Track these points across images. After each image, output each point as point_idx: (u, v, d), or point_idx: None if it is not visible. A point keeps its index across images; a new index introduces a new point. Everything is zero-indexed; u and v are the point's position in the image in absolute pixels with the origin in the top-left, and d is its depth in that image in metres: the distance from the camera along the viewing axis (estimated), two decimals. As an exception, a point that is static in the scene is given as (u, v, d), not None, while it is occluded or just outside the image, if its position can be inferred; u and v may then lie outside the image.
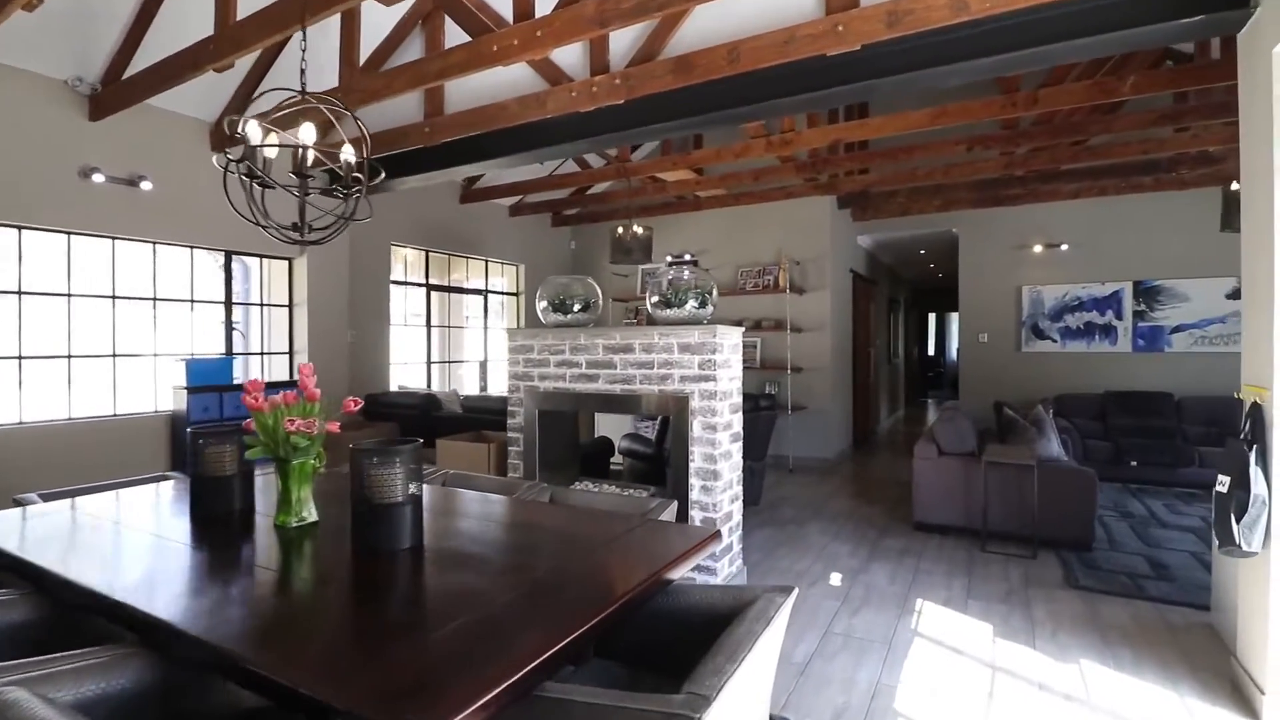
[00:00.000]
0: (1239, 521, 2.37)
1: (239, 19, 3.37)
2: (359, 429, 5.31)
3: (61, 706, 1.11)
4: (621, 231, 6.05)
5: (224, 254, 5.28)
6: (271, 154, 2.24)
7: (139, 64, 4.11)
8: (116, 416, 4.69)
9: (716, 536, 1.99)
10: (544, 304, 4.03)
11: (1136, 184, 6.85)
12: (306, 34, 2.65)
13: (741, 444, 3.74)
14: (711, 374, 3.37)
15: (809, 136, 5.22)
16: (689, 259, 8.00)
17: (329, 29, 3.95)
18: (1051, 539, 4.31)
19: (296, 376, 3.93)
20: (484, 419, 4.87)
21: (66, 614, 1.67)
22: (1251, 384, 2.52)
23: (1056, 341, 7.53)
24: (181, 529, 2.06)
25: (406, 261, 6.91)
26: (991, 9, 2.75)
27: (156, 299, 4.91)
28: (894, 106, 5.64)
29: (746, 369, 7.43)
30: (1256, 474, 2.35)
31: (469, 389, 7.77)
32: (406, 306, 6.89)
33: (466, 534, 2.07)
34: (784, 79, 3.49)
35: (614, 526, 2.07)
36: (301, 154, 2.20)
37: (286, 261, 5.55)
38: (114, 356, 4.73)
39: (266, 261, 5.56)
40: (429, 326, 7.10)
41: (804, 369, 7.28)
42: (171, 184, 4.75)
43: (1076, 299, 7.44)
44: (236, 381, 5.00)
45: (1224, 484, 2.49)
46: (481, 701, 1.04)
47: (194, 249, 5.05)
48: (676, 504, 2.55)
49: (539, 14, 3.34)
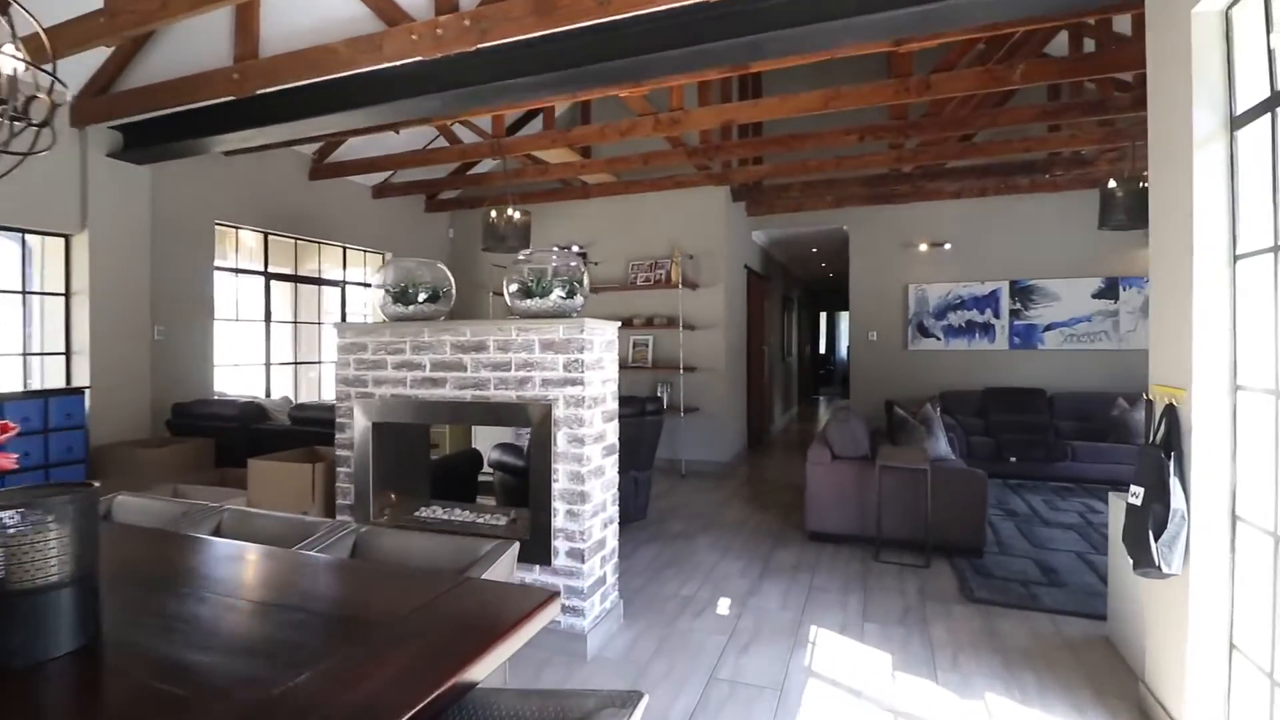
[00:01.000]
0: (1157, 539, 2.11)
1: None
2: (161, 446, 4.32)
3: None
4: (495, 216, 5.38)
5: (-31, 226, 4.13)
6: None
7: None
8: None
9: (552, 600, 1.43)
10: (381, 292, 3.32)
11: (1014, 185, 7.00)
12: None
13: (617, 457, 3.21)
14: (579, 376, 2.82)
15: (699, 117, 4.79)
16: (577, 250, 7.44)
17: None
18: (944, 544, 4.11)
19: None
20: (319, 432, 4.06)
21: None
22: (1164, 384, 2.28)
23: (940, 340, 7.62)
24: None
25: (238, 244, 5.87)
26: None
27: None
28: (786, 87, 5.35)
29: (638, 369, 6.97)
30: (1175, 486, 2.10)
31: (327, 395, 6.79)
32: (240, 298, 5.86)
33: (186, 623, 1.39)
34: (663, 30, 3.00)
35: (414, 595, 1.47)
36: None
37: (63, 239, 4.44)
38: None
39: (40, 239, 4.43)
40: (268, 322, 6.09)
41: (698, 369, 6.91)
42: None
43: (959, 298, 7.55)
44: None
45: (1137, 496, 2.23)
46: None
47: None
48: (518, 546, 1.97)
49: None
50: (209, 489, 3.73)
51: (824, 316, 17.53)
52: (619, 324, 3.23)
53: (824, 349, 17.71)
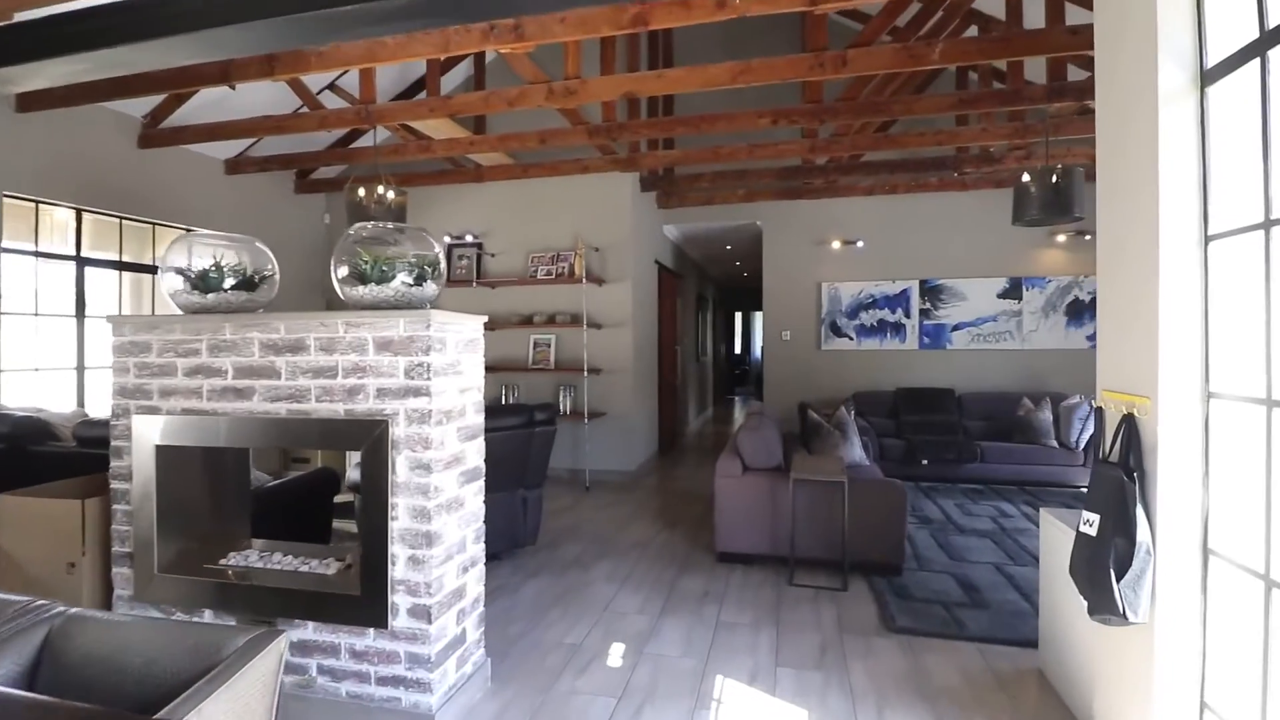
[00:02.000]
0: (1119, 579, 1.74)
1: None
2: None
3: None
4: (363, 194, 4.62)
5: None
6: None
7: None
8: None
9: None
10: (177, 278, 2.56)
11: (924, 183, 6.90)
12: None
13: (482, 483, 2.61)
14: (424, 384, 2.20)
15: (597, 87, 4.25)
16: (471, 240, 6.73)
17: None
18: (862, 562, 3.76)
19: None
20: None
21: None
22: (1118, 390, 1.93)
23: (853, 339, 7.45)
24: None
25: (39, 222, 4.79)
26: None
27: None
28: (697, 60, 4.89)
29: (539, 371, 6.36)
30: (1140, 515, 1.73)
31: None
32: (40, 287, 4.78)
33: None
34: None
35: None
36: None
37: None
38: None
39: None
40: (81, 317, 5.03)
41: (604, 370, 6.37)
42: None
43: (871, 296, 7.41)
44: None
45: (1091, 524, 1.86)
46: None
47: None
48: (285, 641, 1.35)
49: None
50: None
51: (739, 316, 17.47)
52: (484, 318, 2.62)
53: (739, 349, 17.65)
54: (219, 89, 4.71)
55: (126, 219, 5.38)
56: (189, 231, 5.97)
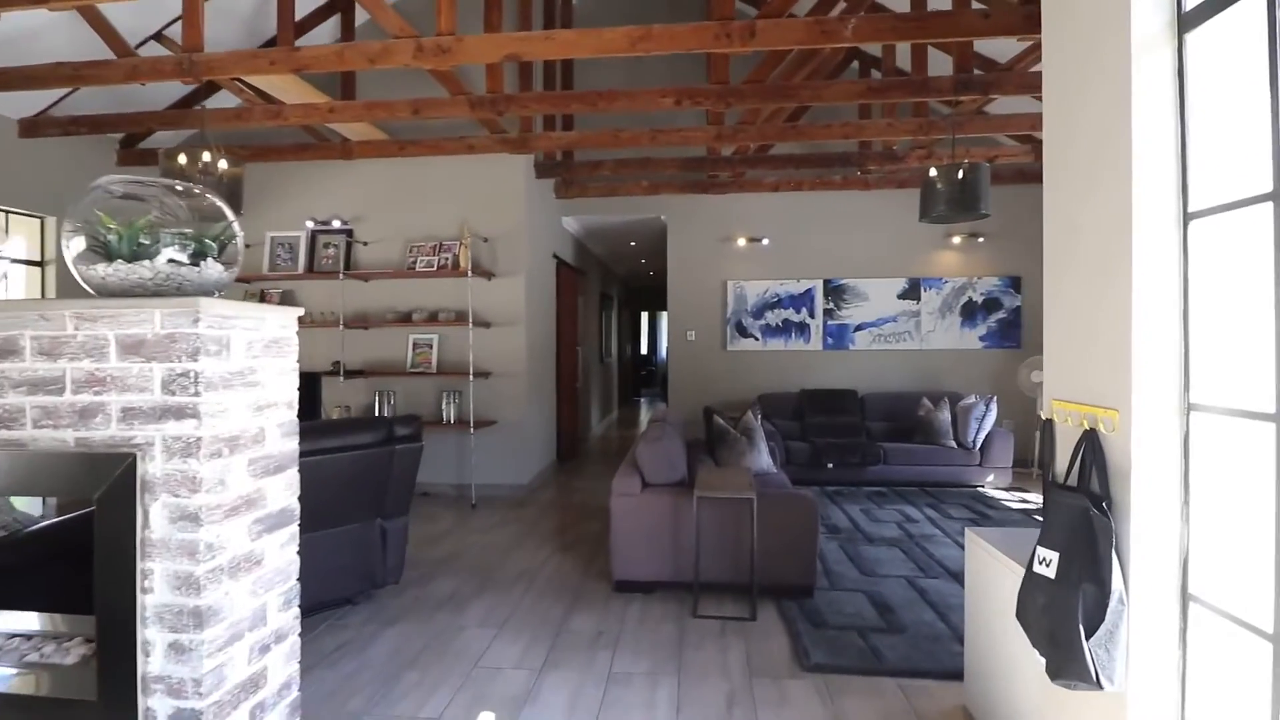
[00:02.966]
0: (1089, 636, 1.40)
1: None
2: None
3: None
4: (183, 162, 3.78)
5: None
6: None
7: None
8: None
9: None
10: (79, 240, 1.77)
11: (829, 181, 6.77)
12: None
13: (295, 529, 1.98)
14: (191, 401, 1.57)
15: (475, 47, 3.67)
16: (339, 226, 5.92)
17: None
18: (773, 585, 3.41)
19: None
20: None
21: None
22: (1076, 401, 1.61)
23: (759, 339, 7.23)
24: None
25: None
26: None
27: None
28: (589, 19, 4.40)
29: (419, 375, 5.65)
30: (1110, 557, 1.41)
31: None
32: None
33: None
34: None
35: None
36: None
37: None
38: None
39: None
40: None
41: (494, 373, 5.76)
42: None
43: (776, 296, 7.22)
44: None
45: (1049, 564, 1.53)
46: None
47: None
48: None
49: None
50: None
51: (646, 316, 17.18)
52: (299, 311, 2.00)
53: (646, 349, 17.36)
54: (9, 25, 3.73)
55: None
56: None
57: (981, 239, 6.97)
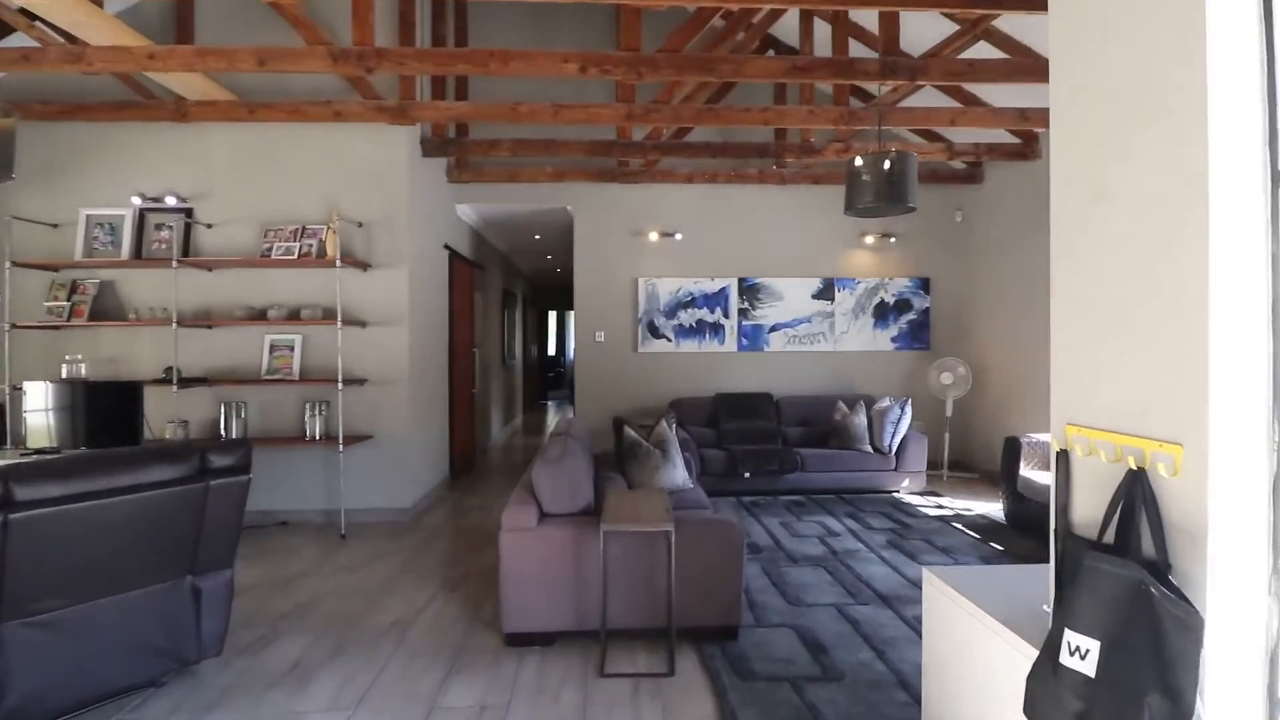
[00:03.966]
0: (1159, 775, 0.97)
1: None
2: None
3: None
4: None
5: None
6: None
7: None
8: None
9: None
10: None
11: (744, 174, 6.45)
12: None
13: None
14: None
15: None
16: (175, 204, 4.92)
17: None
18: (692, 629, 2.93)
19: None
20: None
21: None
22: (1109, 429, 1.20)
23: (671, 341, 6.80)
24: None
25: None
26: None
27: None
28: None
29: (277, 383, 4.77)
30: (1194, 661, 0.99)
31: None
32: None
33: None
34: None
35: None
36: None
37: None
38: None
39: None
40: None
41: (371, 380, 4.96)
42: None
43: (690, 295, 6.82)
44: None
45: (1085, 655, 1.10)
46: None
47: None
48: None
49: None
50: None
51: (553, 315, 16.49)
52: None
53: (554, 350, 16.68)
54: None
55: None
56: None
57: (894, 239, 6.88)
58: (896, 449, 5.89)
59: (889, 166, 3.82)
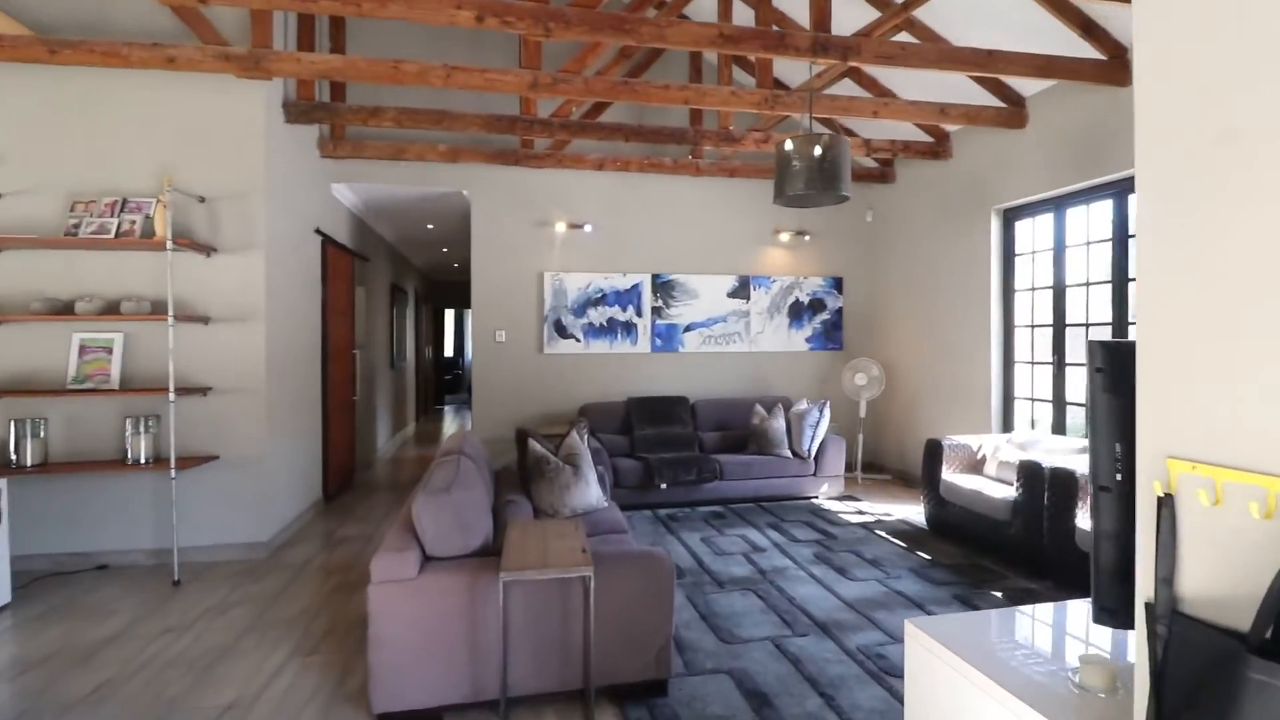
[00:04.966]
0: None
1: None
2: None
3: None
4: None
5: None
6: None
7: None
8: None
9: None
10: None
11: (658, 162, 6.03)
12: None
13: None
14: None
15: None
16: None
17: None
18: (614, 686, 2.44)
19: None
20: None
21: None
22: (1266, 469, 0.81)
23: (580, 341, 6.28)
24: None
25: None
26: None
27: None
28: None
29: (90, 394, 3.81)
30: None
31: None
32: None
33: None
34: None
35: None
36: None
37: None
38: None
39: None
40: None
41: (216, 389, 4.09)
42: None
43: (600, 291, 6.32)
44: None
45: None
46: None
47: None
48: None
49: None
50: None
51: (451, 315, 15.48)
52: None
53: (452, 351, 15.66)
54: None
55: None
56: None
57: (808, 237, 6.72)
58: (816, 453, 5.68)
59: (821, 152, 3.50)
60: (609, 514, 3.63)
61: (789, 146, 3.58)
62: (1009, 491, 4.05)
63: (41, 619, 3.21)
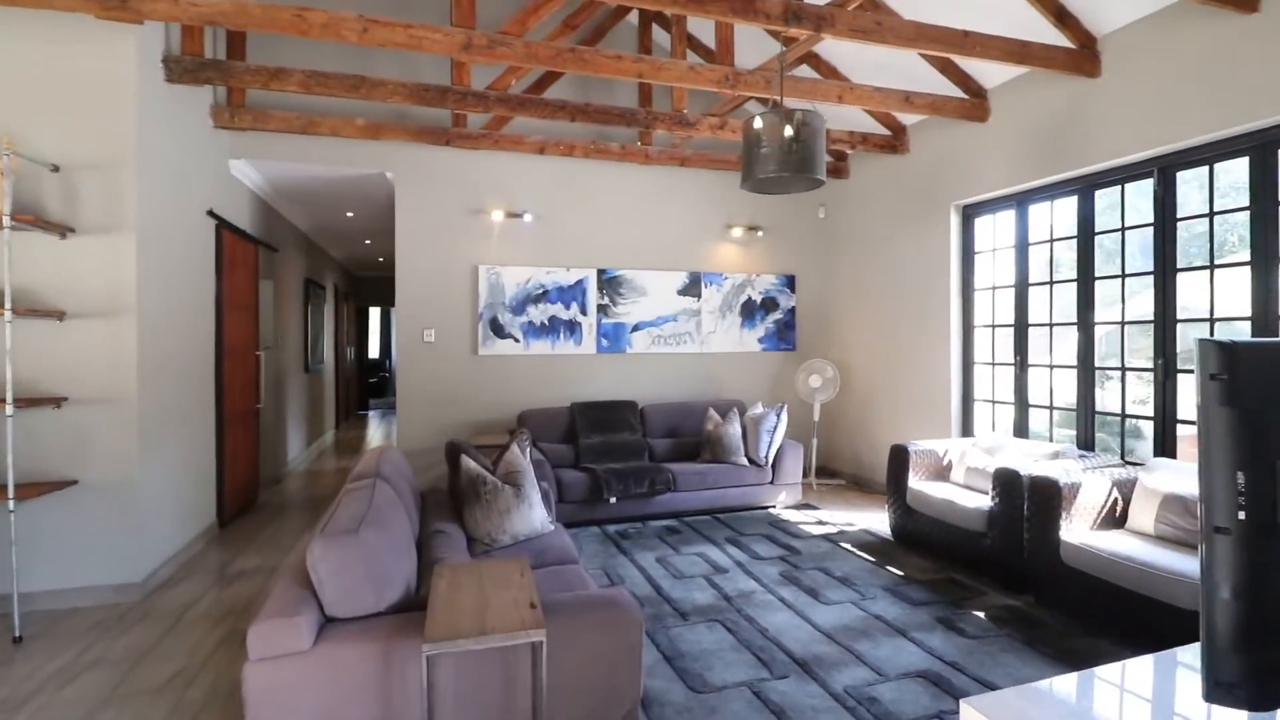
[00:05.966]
0: None
1: None
2: None
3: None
4: None
5: None
6: None
7: None
8: None
9: None
10: None
11: (605, 148, 5.58)
12: None
13: None
14: None
15: None
16: None
17: None
18: (570, 765, 1.98)
19: None
20: None
21: None
22: None
23: (520, 341, 5.75)
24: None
25: None
26: None
27: None
28: None
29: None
30: None
31: None
32: None
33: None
34: None
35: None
36: None
37: None
38: None
39: None
40: None
41: (73, 399, 3.35)
42: None
43: (541, 287, 5.81)
44: None
45: None
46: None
47: None
48: None
49: None
50: None
51: (376, 313, 14.51)
52: None
53: (377, 353, 14.69)
54: None
55: None
56: None
57: (761, 233, 6.42)
58: (773, 460, 5.37)
59: (795, 130, 3.14)
60: (555, 538, 3.16)
61: (757, 124, 3.20)
62: (983, 501, 3.82)
63: None
